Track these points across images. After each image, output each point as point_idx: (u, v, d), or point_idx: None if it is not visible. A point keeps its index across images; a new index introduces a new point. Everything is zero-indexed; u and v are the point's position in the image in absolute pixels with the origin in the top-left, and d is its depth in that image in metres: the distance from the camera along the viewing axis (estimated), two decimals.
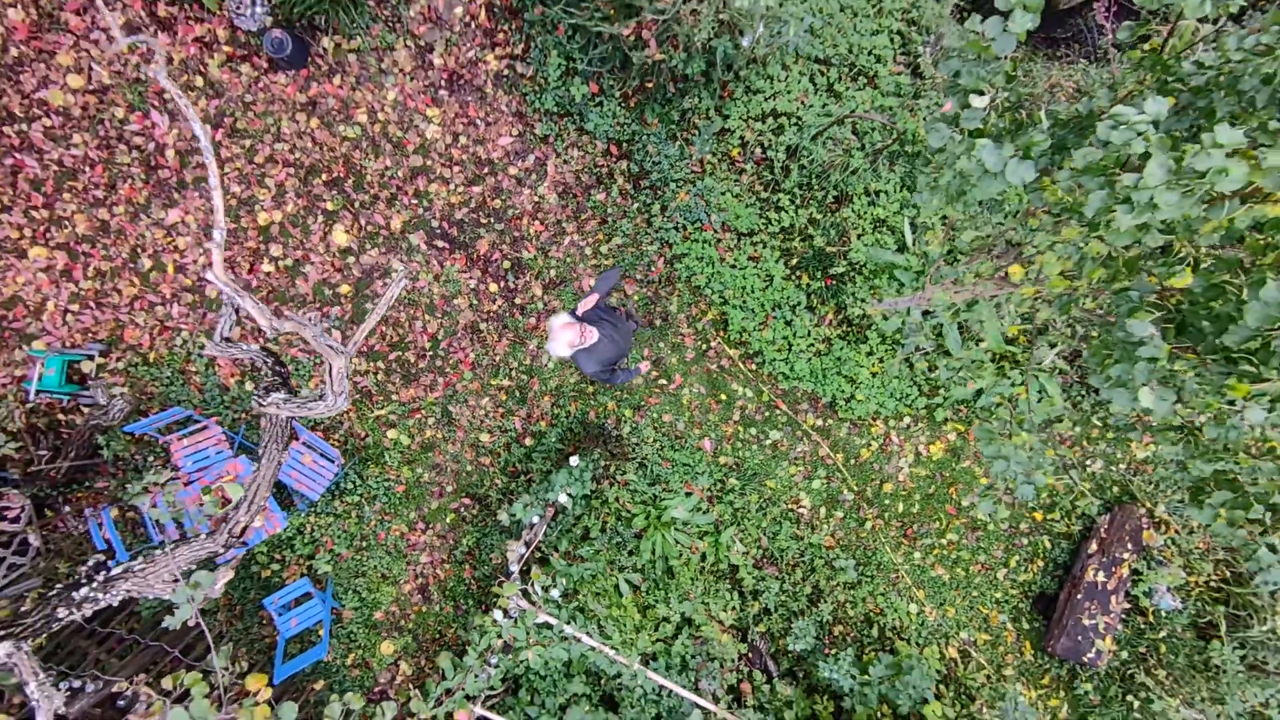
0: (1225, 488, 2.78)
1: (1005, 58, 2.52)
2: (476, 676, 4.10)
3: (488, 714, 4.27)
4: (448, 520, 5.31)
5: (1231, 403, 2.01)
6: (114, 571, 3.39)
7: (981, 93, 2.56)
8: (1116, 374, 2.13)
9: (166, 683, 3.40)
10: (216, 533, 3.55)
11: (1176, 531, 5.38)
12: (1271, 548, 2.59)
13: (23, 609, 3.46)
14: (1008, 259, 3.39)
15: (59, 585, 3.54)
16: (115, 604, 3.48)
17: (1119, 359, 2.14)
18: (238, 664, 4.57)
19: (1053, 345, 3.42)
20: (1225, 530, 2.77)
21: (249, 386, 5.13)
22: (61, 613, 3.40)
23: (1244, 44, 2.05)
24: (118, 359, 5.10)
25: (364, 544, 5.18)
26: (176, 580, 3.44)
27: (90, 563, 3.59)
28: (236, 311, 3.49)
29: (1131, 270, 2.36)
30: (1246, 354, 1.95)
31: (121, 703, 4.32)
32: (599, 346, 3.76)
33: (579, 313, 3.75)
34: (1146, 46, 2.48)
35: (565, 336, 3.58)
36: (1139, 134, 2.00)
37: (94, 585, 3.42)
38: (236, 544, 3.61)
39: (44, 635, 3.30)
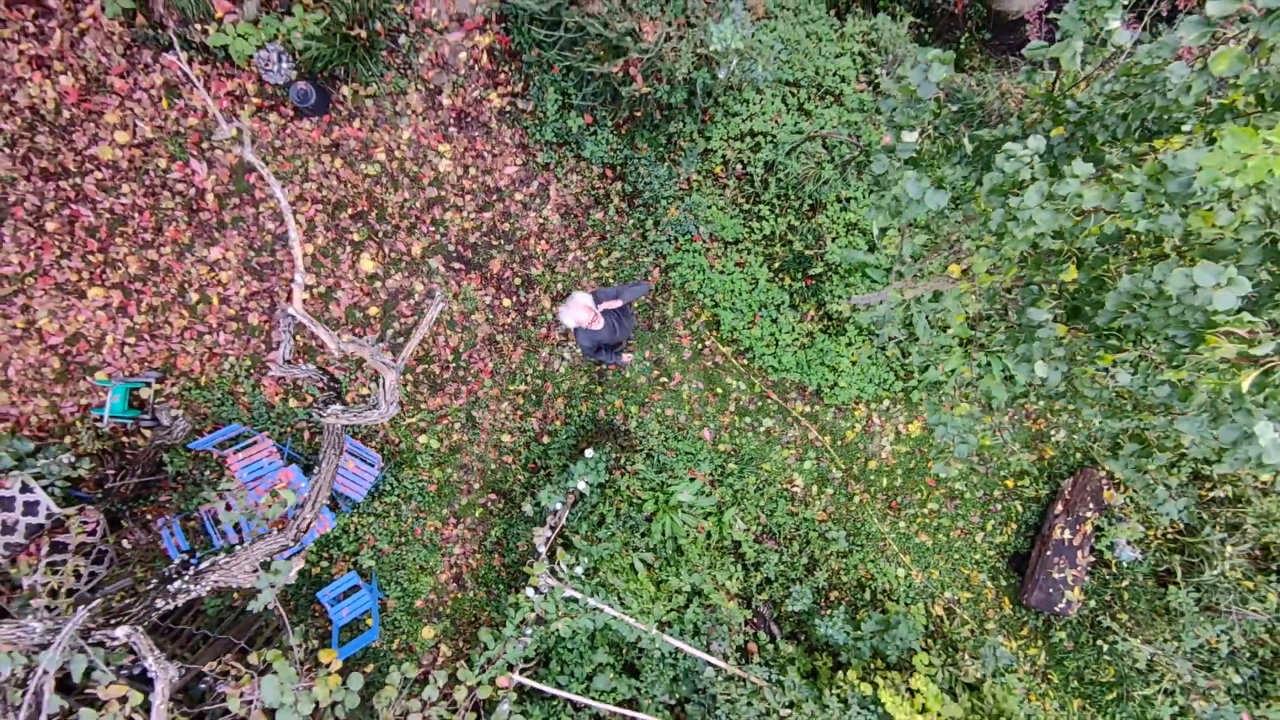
0: (1134, 441, 3.33)
1: (929, 100, 3.09)
2: (514, 646, 4.66)
3: (525, 680, 4.83)
4: (477, 514, 5.88)
5: (1106, 369, 2.57)
6: (202, 566, 3.96)
7: (912, 128, 3.12)
8: (1022, 351, 2.69)
9: (253, 658, 3.97)
10: (286, 529, 4.12)
11: (1134, 490, 5.95)
12: (1166, 486, 3.15)
13: (124, 603, 4.02)
14: (958, 258, 3.97)
15: (153, 581, 4.11)
16: (204, 593, 4.04)
17: (1024, 339, 2.71)
18: (309, 641, 5.13)
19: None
20: (1134, 475, 3.33)
21: (292, 404, 5.69)
22: (160, 603, 3.96)
23: (1104, 90, 2.62)
24: (172, 384, 5.66)
25: (403, 539, 5.74)
26: (256, 570, 4.00)
27: (177, 561, 4.15)
28: (294, 337, 4.06)
29: (1037, 268, 2.94)
30: (1113, 331, 2.52)
31: (203, 685, 4.87)
32: (600, 332, 4.49)
33: (600, 305, 4.43)
34: (1042, 84, 3.05)
35: (579, 315, 4.31)
36: (1025, 164, 2.57)
37: (185, 579, 3.98)
38: (303, 536, 4.17)
39: (147, 621, 3.85)
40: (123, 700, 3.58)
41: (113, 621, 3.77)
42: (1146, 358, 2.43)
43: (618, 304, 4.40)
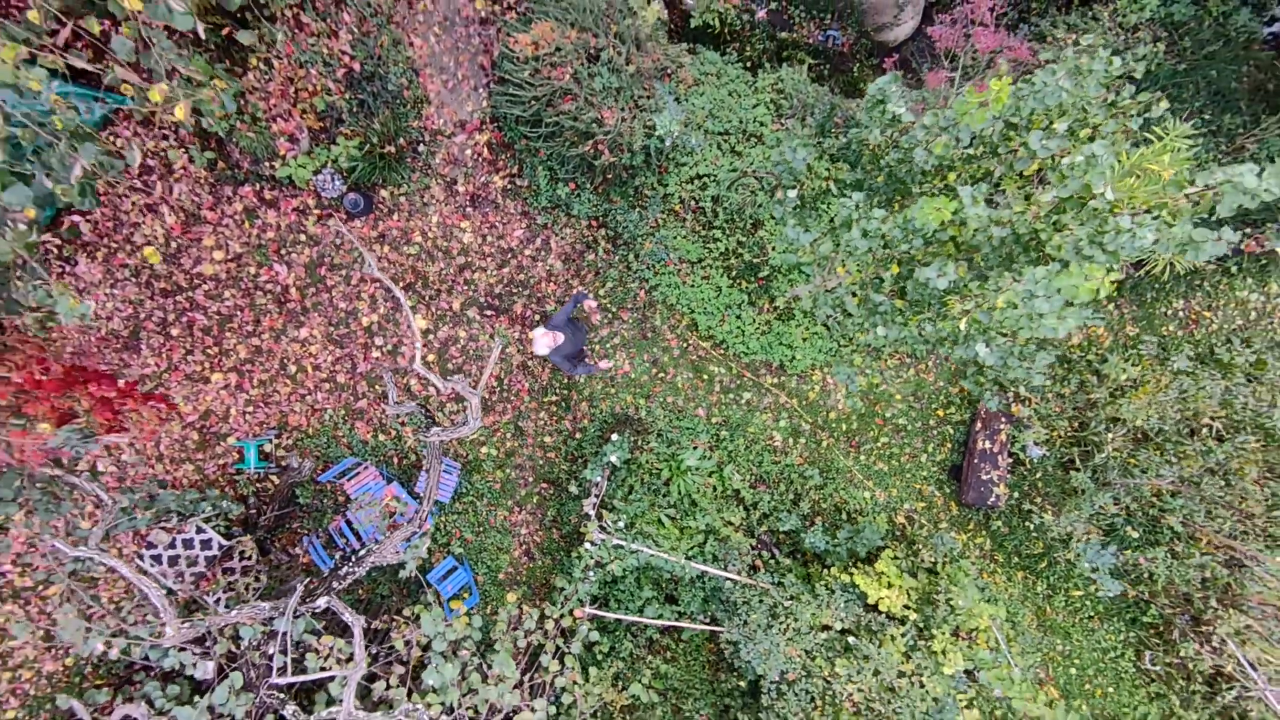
0: (972, 367, 5.01)
1: (800, 168, 4.76)
2: (582, 586, 6.33)
3: (594, 612, 6.50)
4: (534, 501, 7.55)
5: (918, 324, 4.24)
6: (362, 554, 5.63)
7: (792, 187, 4.80)
8: (872, 321, 4.38)
9: (407, 612, 5.65)
10: (412, 520, 5.79)
11: (1036, 404, 7.65)
12: (1001, 388, 4.82)
13: (311, 589, 5.68)
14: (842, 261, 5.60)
15: (324, 575, 5.77)
16: (363, 574, 5.71)
17: (871, 312, 4.39)
18: (439, 600, 6.78)
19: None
20: (976, 388, 5.01)
21: (381, 438, 7.36)
22: (335, 584, 5.63)
23: (895, 156, 4.31)
24: (287, 437, 7.32)
25: (481, 528, 7.41)
26: (398, 551, 5.67)
27: (339, 556, 5.82)
28: (395, 385, 5.74)
29: (884, 265, 4.63)
30: (918, 302, 4.20)
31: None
32: (564, 345, 6.04)
33: (550, 323, 6.00)
34: (869, 147, 4.73)
35: (544, 343, 5.84)
36: (852, 209, 4.26)
37: (350, 564, 5.65)
38: (424, 523, 5.84)
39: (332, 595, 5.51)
40: (330, 648, 5.25)
41: (309, 599, 5.44)
42: (934, 316, 4.10)
43: (563, 314, 5.95)
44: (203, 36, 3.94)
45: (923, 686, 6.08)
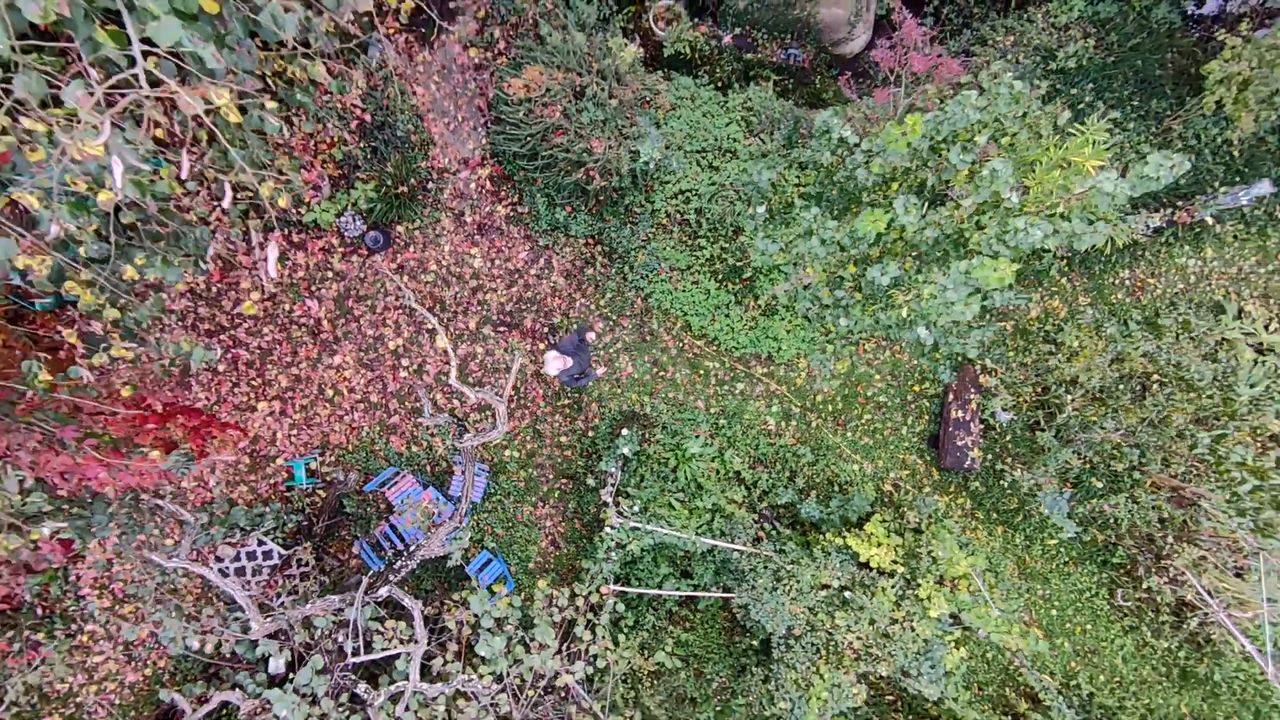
0: (928, 346, 5.79)
1: (766, 186, 5.56)
2: (606, 566, 7.12)
3: (619, 589, 7.29)
4: (556, 496, 8.35)
5: (872, 314, 5.04)
6: (413, 549, 6.42)
7: (760, 203, 5.60)
8: (836, 313, 5.17)
9: (456, 596, 6.43)
10: (454, 516, 6.59)
11: (1001, 374, 8.46)
12: (969, 362, 5.61)
13: (370, 581, 6.46)
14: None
15: (382, 568, 6.55)
16: (415, 566, 6.49)
17: (836, 305, 5.19)
18: (482, 588, 7.57)
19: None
20: (931, 363, 5.81)
21: (414, 449, 8.16)
22: (392, 577, 6.42)
23: (842, 174, 5.11)
24: (330, 455, 8.11)
25: (510, 524, 8.21)
26: (443, 544, 6.46)
27: (391, 552, 6.61)
28: (429, 400, 6.53)
29: (844, 265, 5.43)
30: (871, 295, 4.99)
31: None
32: (571, 368, 6.80)
33: (560, 347, 6.78)
34: (823, 165, 5.53)
35: (556, 364, 6.60)
36: (811, 220, 5.06)
37: (403, 559, 6.45)
38: (464, 518, 6.64)
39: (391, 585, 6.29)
40: (394, 630, 6.04)
41: (372, 590, 6.23)
42: (884, 306, 4.91)
43: (573, 348, 6.72)
44: (287, 135, 4.75)
45: (913, 630, 6.88)
